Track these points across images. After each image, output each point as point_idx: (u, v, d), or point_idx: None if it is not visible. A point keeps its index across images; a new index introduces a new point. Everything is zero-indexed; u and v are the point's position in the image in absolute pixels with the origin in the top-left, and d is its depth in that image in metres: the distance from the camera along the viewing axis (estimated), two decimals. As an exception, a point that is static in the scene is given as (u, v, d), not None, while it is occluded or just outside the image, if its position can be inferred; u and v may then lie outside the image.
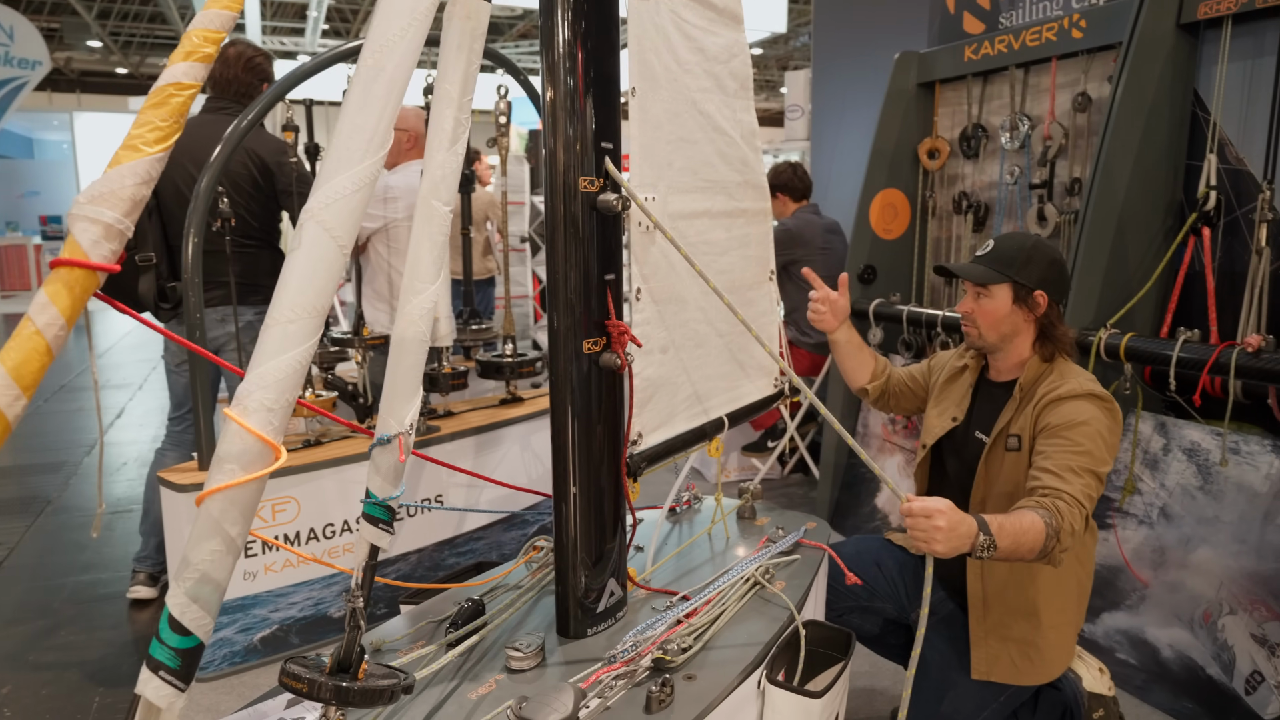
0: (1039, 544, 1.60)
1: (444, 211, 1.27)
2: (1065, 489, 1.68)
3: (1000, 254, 1.93)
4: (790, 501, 4.30)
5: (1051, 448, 1.77)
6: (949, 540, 1.50)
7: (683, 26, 1.79)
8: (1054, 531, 1.61)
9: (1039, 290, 1.91)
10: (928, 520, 1.49)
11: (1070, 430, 1.77)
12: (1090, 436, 1.75)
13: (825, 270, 4.02)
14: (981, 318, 1.97)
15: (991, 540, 1.54)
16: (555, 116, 1.47)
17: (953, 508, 1.52)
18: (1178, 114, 2.74)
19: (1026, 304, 1.93)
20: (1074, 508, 1.66)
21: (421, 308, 1.25)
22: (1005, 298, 1.94)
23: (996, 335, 1.97)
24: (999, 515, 1.60)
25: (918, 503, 1.51)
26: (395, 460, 1.21)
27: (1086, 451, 1.74)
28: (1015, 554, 1.60)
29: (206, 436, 2.65)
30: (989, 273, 1.94)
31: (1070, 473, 1.71)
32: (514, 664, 1.50)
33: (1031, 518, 1.61)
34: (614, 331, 1.56)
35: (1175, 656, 2.49)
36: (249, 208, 3.01)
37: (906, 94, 3.71)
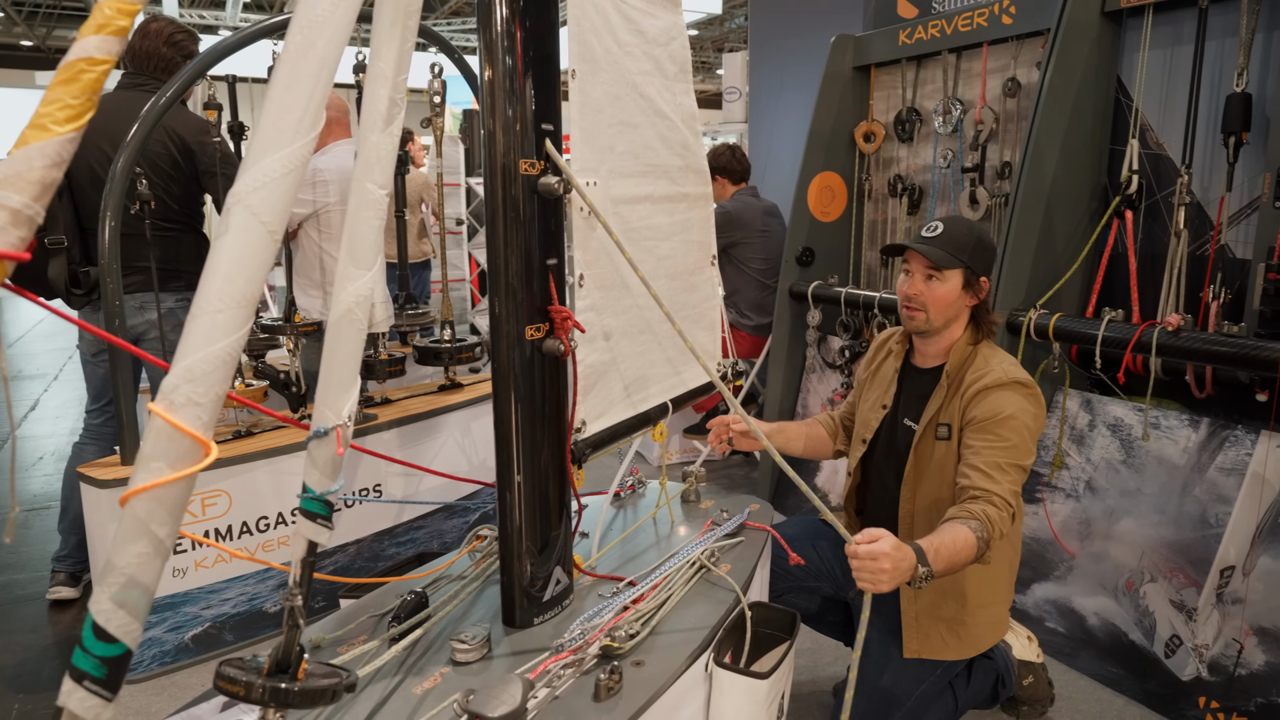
0: (971, 558, 1.66)
1: (380, 195, 1.22)
2: (995, 490, 1.74)
3: (953, 238, 1.95)
4: (732, 482, 4.34)
5: (980, 443, 1.82)
6: (894, 578, 1.52)
7: (621, 8, 1.76)
8: (984, 543, 1.68)
9: (984, 276, 1.95)
10: (874, 563, 1.51)
11: (997, 425, 1.82)
12: (1016, 430, 1.81)
13: (764, 253, 4.08)
14: (932, 302, 1.98)
15: (929, 570, 1.58)
16: (494, 97, 1.43)
17: (896, 545, 1.54)
18: (1102, 100, 2.82)
19: (973, 289, 1.97)
20: (1003, 510, 1.73)
21: (358, 295, 1.20)
22: (957, 282, 1.96)
23: (943, 319, 2.00)
24: (934, 539, 1.63)
25: (863, 547, 1.53)
26: (333, 453, 1.17)
27: (1013, 446, 1.79)
28: (951, 572, 1.66)
29: (129, 430, 2.54)
30: (947, 256, 1.95)
31: (999, 470, 1.77)
32: (459, 656, 1.47)
33: (964, 536, 1.65)
34: (557, 317, 1.54)
35: (1100, 624, 2.59)
36: (169, 189, 2.88)
37: (842, 77, 3.74)
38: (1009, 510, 1.75)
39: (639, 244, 1.86)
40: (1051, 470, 2.82)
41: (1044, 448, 2.88)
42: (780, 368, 3.89)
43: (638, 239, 1.86)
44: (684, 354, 2.13)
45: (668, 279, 2.01)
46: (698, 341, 2.19)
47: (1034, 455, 1.85)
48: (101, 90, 0.92)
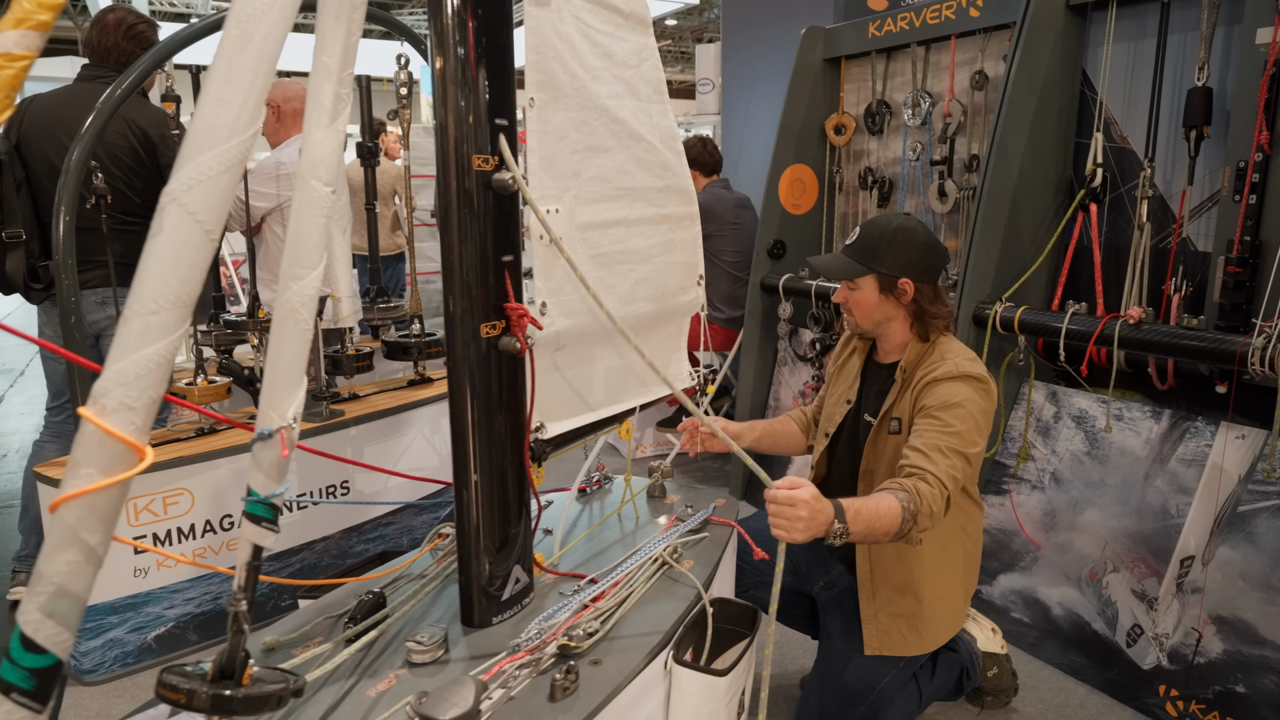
0: (894, 527, 1.64)
1: (325, 192, 1.20)
2: (930, 469, 1.73)
3: (863, 244, 1.95)
4: (705, 475, 4.34)
5: (925, 427, 1.82)
6: (809, 529, 1.52)
7: (588, 32, 1.73)
8: (910, 515, 1.66)
9: (903, 278, 1.93)
10: (791, 509, 1.51)
11: (944, 411, 1.82)
12: (962, 418, 1.80)
13: (735, 245, 4.07)
14: (855, 308, 2.01)
15: (845, 528, 1.57)
16: (446, 88, 1.41)
17: (816, 496, 1.53)
18: (1068, 93, 2.83)
19: (893, 293, 1.96)
20: (935, 489, 1.71)
21: (303, 294, 1.18)
22: (872, 288, 1.97)
23: (871, 323, 2.01)
24: (856, 500, 1.63)
25: (782, 491, 1.52)
26: (277, 456, 1.15)
27: (957, 433, 1.79)
28: (870, 538, 1.64)
29: (88, 428, 2.50)
30: (851, 266, 1.96)
31: (938, 452, 1.76)
32: (415, 658, 1.46)
33: (889, 502, 1.65)
34: (513, 314, 1.52)
35: (1064, 614, 2.62)
36: (130, 183, 2.83)
37: (813, 69, 3.73)
38: (942, 490, 1.72)
39: (612, 268, 1.84)
40: (1018, 462, 2.84)
41: (1010, 439, 2.90)
42: (752, 361, 3.89)
43: (611, 263, 1.84)
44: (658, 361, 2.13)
45: (649, 300, 1.98)
46: (679, 359, 2.19)
47: (980, 447, 1.84)
48: (20, 87, 0.89)
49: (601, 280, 1.82)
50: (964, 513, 2.03)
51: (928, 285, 1.96)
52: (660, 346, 2.15)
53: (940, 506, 1.73)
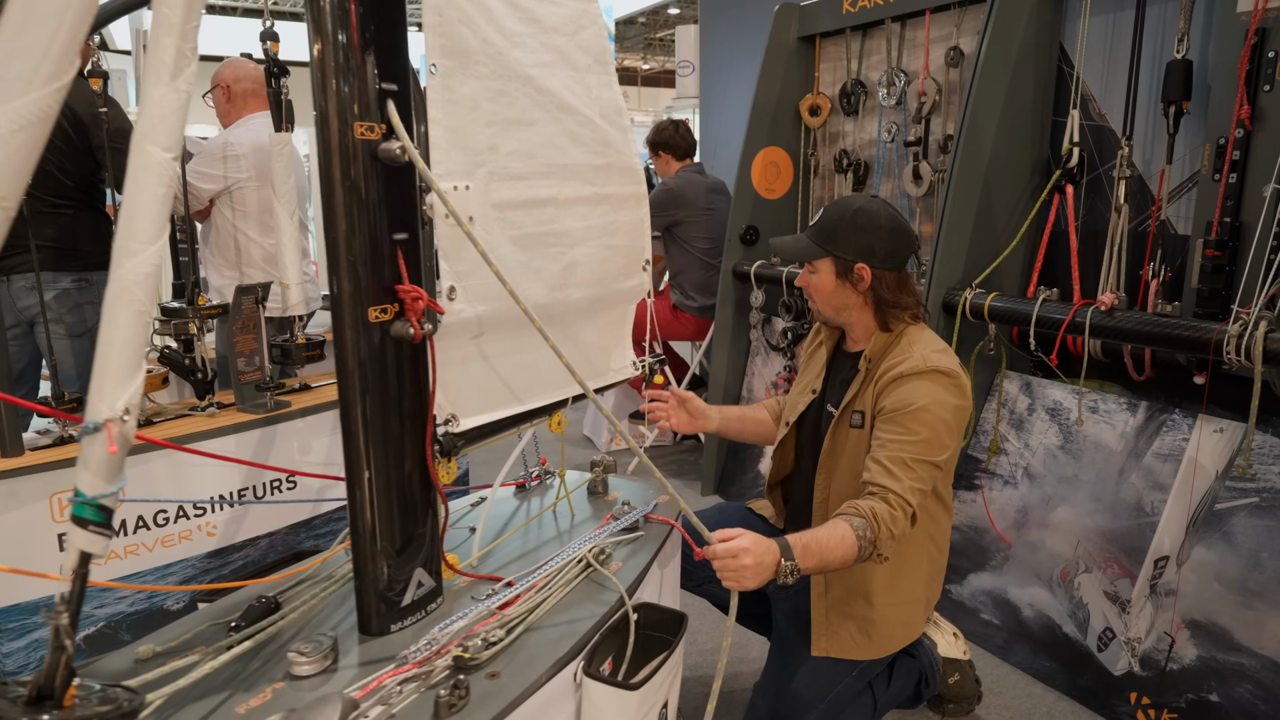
0: (851, 556, 1.60)
1: (164, 159, 1.08)
2: (893, 487, 1.66)
3: (823, 226, 1.85)
4: (680, 469, 4.23)
5: (887, 435, 1.73)
6: (757, 575, 1.52)
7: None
8: (868, 542, 1.61)
9: (859, 263, 1.82)
10: (735, 560, 1.51)
11: (907, 417, 1.71)
12: (927, 424, 1.70)
13: (708, 232, 3.94)
14: (814, 293, 1.91)
15: (794, 565, 1.55)
16: (322, 44, 1.28)
17: (757, 540, 1.53)
18: (1044, 68, 2.69)
19: (849, 278, 1.85)
20: (897, 509, 1.65)
21: (137, 272, 1.06)
22: (829, 273, 1.86)
23: (830, 310, 1.91)
24: (805, 535, 1.60)
25: (721, 545, 1.52)
26: (105, 452, 1.04)
27: (923, 440, 1.69)
28: (825, 569, 1.61)
29: (9, 419, 2.39)
30: (809, 248, 1.86)
31: (902, 466, 1.67)
32: (296, 669, 1.34)
33: (842, 533, 1.60)
34: (407, 298, 1.40)
35: (1035, 616, 2.50)
36: (60, 165, 2.72)
37: (787, 48, 3.59)
38: (905, 509, 1.66)
39: (539, 250, 1.72)
40: (989, 456, 2.72)
41: (982, 432, 2.77)
42: (725, 350, 3.77)
43: (537, 245, 1.71)
44: (597, 351, 2.01)
45: (584, 286, 1.86)
46: (612, 350, 2.06)
47: (950, 449, 1.74)
48: None
49: (525, 264, 1.70)
50: (932, 518, 1.91)
51: (888, 272, 1.84)
52: (601, 335, 2.02)
53: (903, 527, 1.67)
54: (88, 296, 2.84)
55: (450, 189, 1.49)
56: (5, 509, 2.34)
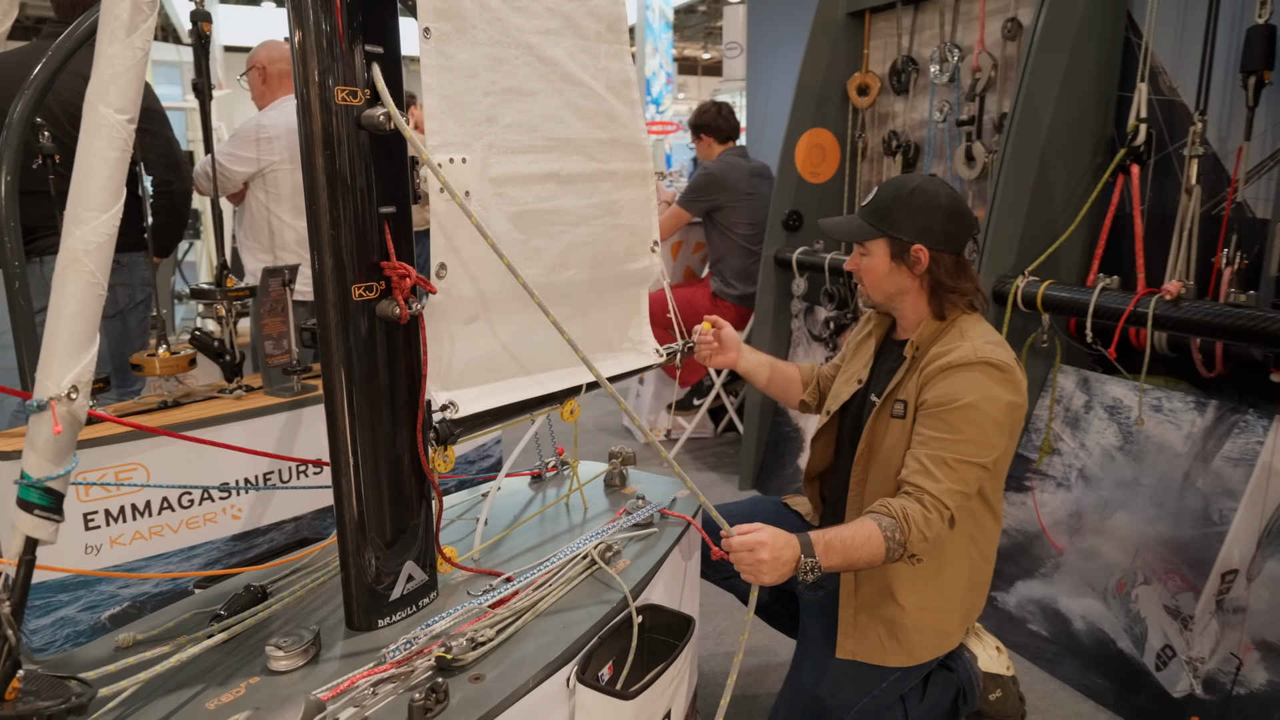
0: (878, 557, 1.53)
1: (117, 121, 1.01)
2: (930, 488, 1.56)
3: (877, 205, 1.72)
4: (719, 461, 4.11)
5: (930, 431, 1.61)
6: (774, 570, 1.47)
7: None
8: (897, 544, 1.53)
9: (916, 244, 1.69)
10: (751, 554, 1.46)
11: (952, 413, 1.58)
12: (974, 421, 1.57)
13: (750, 217, 3.80)
14: (866, 276, 1.78)
15: (815, 562, 1.49)
16: (298, 4, 1.20)
17: (775, 536, 1.48)
18: (1109, 38, 2.49)
19: (905, 260, 1.72)
20: (932, 511, 1.55)
21: (89, 241, 1.00)
22: (883, 254, 1.74)
23: (881, 294, 1.78)
24: (829, 532, 1.53)
25: (738, 539, 1.48)
26: (50, 432, 0.98)
27: (967, 440, 1.57)
28: (849, 569, 1.56)
29: (36, 398, 2.40)
30: (863, 227, 1.74)
31: (942, 466, 1.56)
32: (273, 664, 1.28)
33: (869, 533, 1.53)
34: (394, 275, 1.32)
35: (1087, 628, 2.32)
36: (92, 145, 2.71)
37: (835, 25, 3.43)
38: (942, 512, 1.55)
39: (539, 229, 1.63)
40: (1040, 455, 2.54)
41: (1034, 430, 2.59)
42: (765, 341, 3.63)
43: (536, 223, 1.62)
44: (615, 335, 1.91)
45: (587, 267, 1.76)
46: (627, 334, 1.96)
47: (998, 450, 1.61)
48: None
49: (523, 243, 1.60)
50: (976, 522, 1.76)
51: (947, 255, 1.71)
52: (612, 319, 1.92)
53: (936, 530, 1.57)
54: (119, 278, 2.84)
55: (447, 161, 1.41)
56: (28, 488, 2.34)
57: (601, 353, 1.91)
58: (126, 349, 2.96)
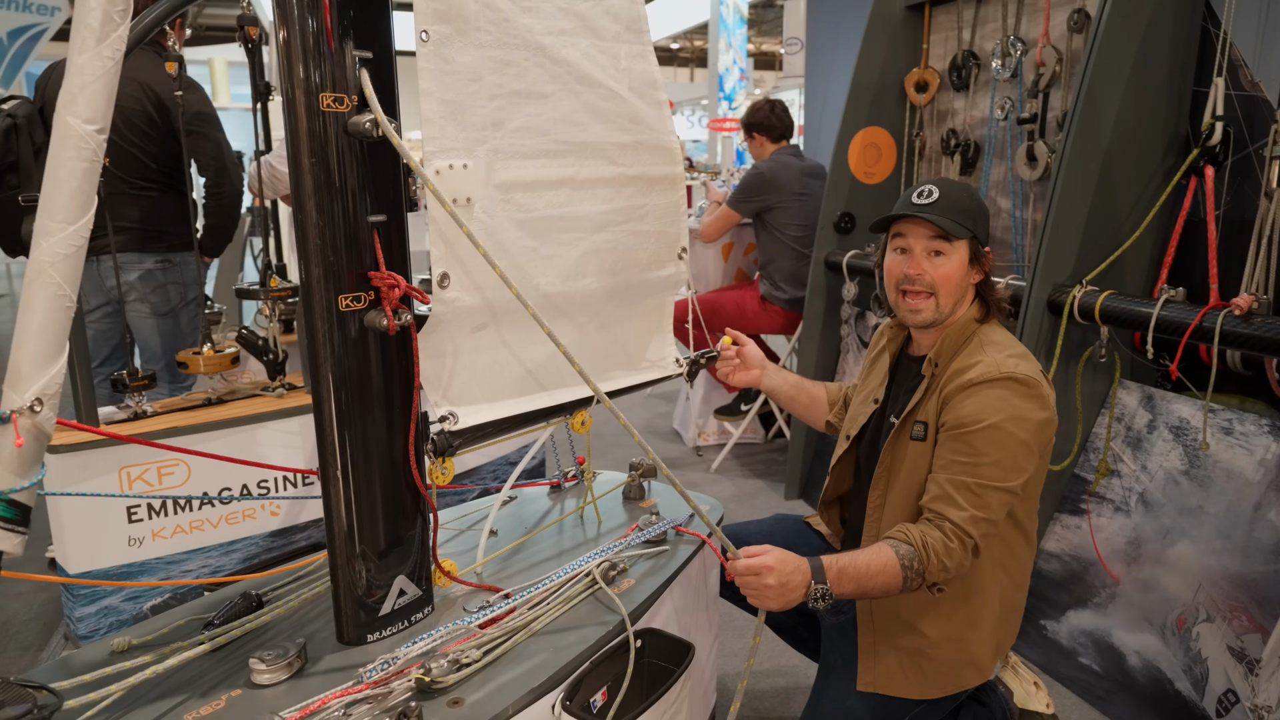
0: (894, 585, 1.44)
1: (85, 131, 1.00)
2: (951, 515, 1.46)
3: (955, 202, 1.59)
4: (766, 469, 4.01)
5: (952, 455, 1.51)
6: (782, 596, 1.40)
7: None
8: (915, 573, 1.44)
9: (987, 247, 1.64)
10: (757, 579, 1.40)
11: (975, 435, 1.48)
12: (999, 443, 1.47)
13: (801, 219, 3.69)
14: (941, 282, 1.61)
15: (825, 589, 1.41)
16: (284, 3, 1.18)
17: (783, 560, 1.41)
18: (1183, 29, 2.30)
19: (979, 262, 1.63)
20: (954, 540, 1.46)
21: (55, 253, 1.00)
22: (964, 255, 1.62)
23: (951, 302, 1.64)
24: (843, 557, 1.45)
25: (742, 562, 1.41)
26: (13, 445, 0.97)
27: (992, 463, 1.47)
28: (863, 596, 1.48)
29: (85, 395, 2.48)
30: (956, 224, 1.59)
31: (965, 492, 1.47)
32: (256, 677, 1.27)
33: (885, 560, 1.44)
34: (382, 286, 1.29)
35: (1142, 666, 2.16)
36: (145, 148, 2.79)
37: (893, 19, 3.28)
38: (964, 541, 1.46)
39: (550, 236, 1.58)
40: (1096, 476, 2.37)
41: (1092, 450, 2.43)
42: (814, 347, 3.52)
43: (548, 230, 1.57)
44: (630, 344, 1.85)
45: (606, 274, 1.71)
46: (647, 344, 1.90)
47: (1027, 472, 1.50)
48: None
49: (534, 250, 1.56)
50: (1007, 548, 1.65)
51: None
52: (634, 327, 1.86)
53: (958, 560, 1.47)
54: (171, 277, 2.92)
55: (447, 167, 1.37)
56: (78, 479, 2.42)
57: (618, 362, 1.85)
58: (178, 346, 3.04)
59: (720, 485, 3.79)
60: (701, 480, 3.85)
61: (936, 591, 1.54)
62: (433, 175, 1.35)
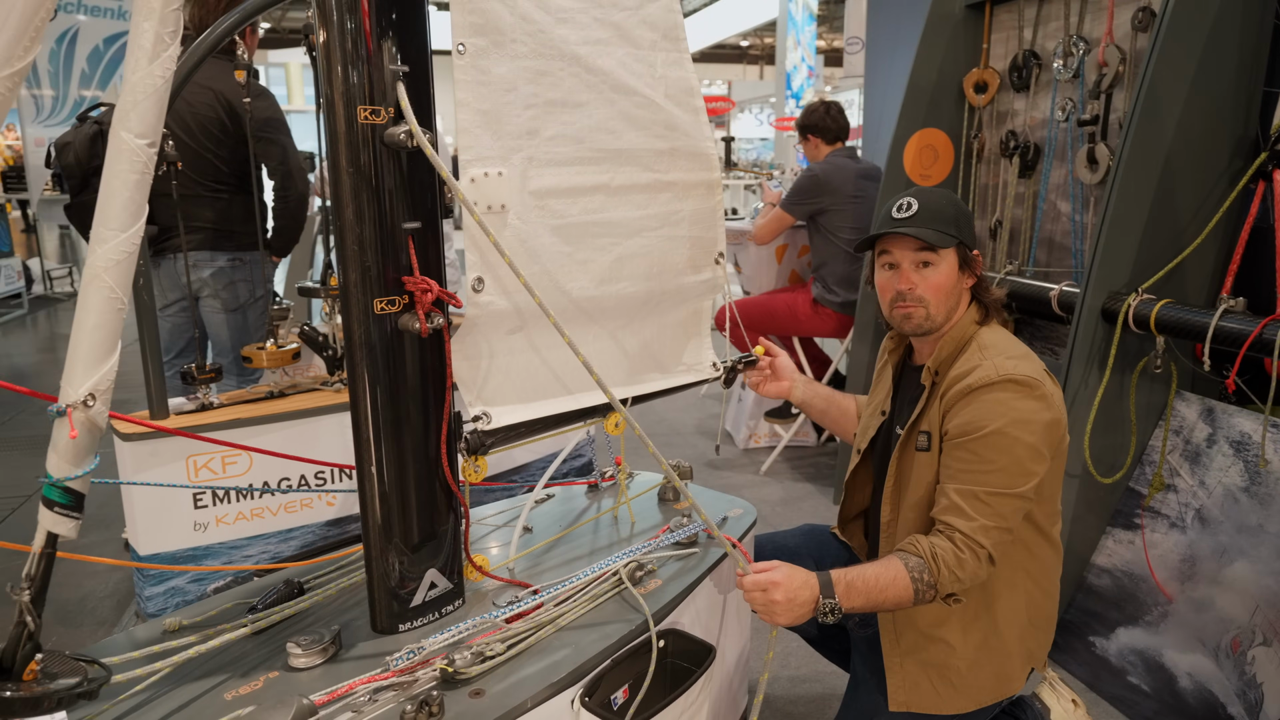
0: (905, 599, 1.44)
1: (137, 145, 1.07)
2: (960, 526, 1.45)
3: (935, 212, 1.60)
4: (818, 472, 3.98)
5: (957, 464, 1.50)
6: (790, 611, 1.42)
7: None
8: (926, 585, 1.44)
9: (975, 250, 1.63)
10: (764, 594, 1.42)
11: (979, 442, 1.47)
12: (1004, 449, 1.45)
13: (855, 221, 3.65)
14: (931, 293, 1.62)
15: (834, 604, 1.43)
16: (325, 21, 1.23)
17: (790, 576, 1.43)
18: (1253, 26, 2.21)
19: (969, 266, 1.62)
20: (965, 551, 1.45)
21: (108, 258, 1.07)
22: (953, 263, 1.62)
23: (944, 310, 1.64)
24: (852, 571, 1.47)
25: (750, 577, 1.44)
26: (68, 436, 1.05)
27: (999, 470, 1.45)
28: (874, 610, 1.47)
29: (156, 385, 2.62)
30: (939, 234, 1.59)
31: (974, 501, 1.46)
32: (292, 660, 1.34)
33: (894, 573, 1.44)
34: (415, 290, 1.34)
35: (1194, 688, 2.09)
36: (217, 152, 2.93)
37: (952, 18, 3.23)
38: (976, 550, 1.44)
39: (585, 242, 1.62)
40: (1150, 490, 2.30)
41: (1148, 463, 2.35)
42: (865, 352, 3.48)
43: (582, 236, 1.61)
44: (669, 350, 1.88)
45: (642, 279, 1.74)
46: (684, 348, 1.92)
47: (1037, 476, 1.47)
48: None
49: (569, 255, 1.60)
50: (1027, 551, 1.62)
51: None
52: (664, 332, 1.88)
53: (971, 570, 1.46)
54: (241, 274, 3.06)
55: (482, 175, 1.42)
56: (148, 467, 2.55)
57: (653, 366, 1.88)
58: (246, 341, 3.18)
59: (769, 488, 3.78)
60: (749, 483, 3.84)
61: (952, 603, 1.52)
62: (468, 183, 1.39)
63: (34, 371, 6.09)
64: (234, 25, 2.53)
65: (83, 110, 2.88)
